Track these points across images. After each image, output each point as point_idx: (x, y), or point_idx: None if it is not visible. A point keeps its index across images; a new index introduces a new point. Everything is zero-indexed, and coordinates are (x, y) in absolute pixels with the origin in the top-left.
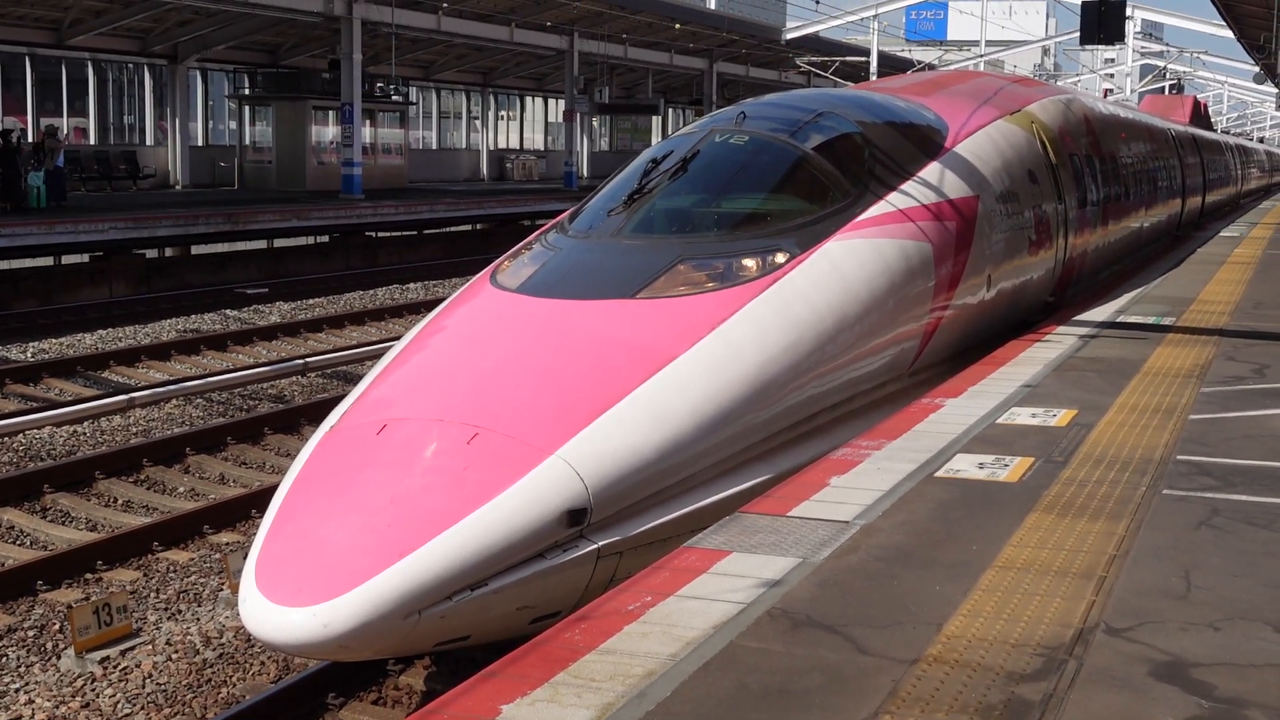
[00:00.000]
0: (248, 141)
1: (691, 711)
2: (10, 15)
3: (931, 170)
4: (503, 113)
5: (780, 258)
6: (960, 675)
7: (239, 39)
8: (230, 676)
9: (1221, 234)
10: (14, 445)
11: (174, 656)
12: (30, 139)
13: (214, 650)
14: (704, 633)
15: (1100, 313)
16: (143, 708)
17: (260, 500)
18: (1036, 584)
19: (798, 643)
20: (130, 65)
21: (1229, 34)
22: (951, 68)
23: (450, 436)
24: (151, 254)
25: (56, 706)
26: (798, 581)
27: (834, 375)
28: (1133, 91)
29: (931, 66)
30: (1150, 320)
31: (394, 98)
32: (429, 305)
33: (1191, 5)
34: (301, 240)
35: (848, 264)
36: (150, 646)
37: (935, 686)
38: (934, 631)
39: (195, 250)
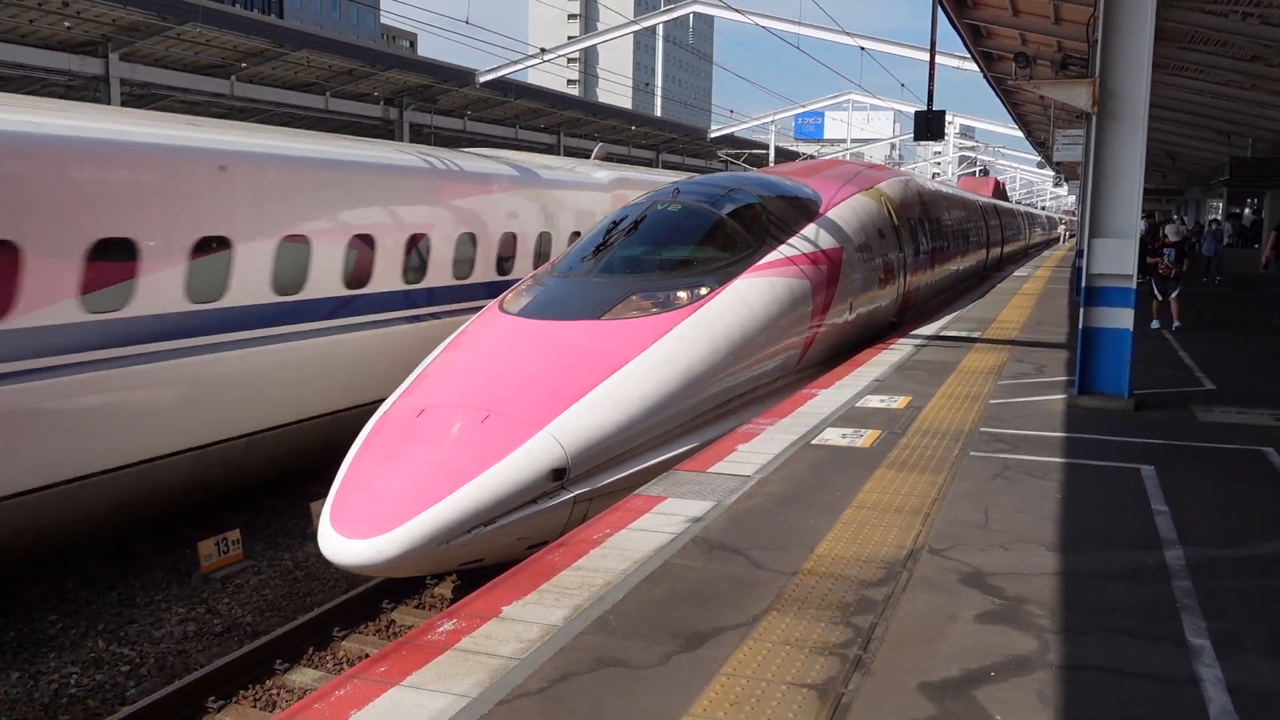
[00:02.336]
0: None
1: (637, 610)
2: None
3: (810, 229)
4: None
5: (703, 291)
6: (826, 582)
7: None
8: (313, 589)
9: (1015, 274)
10: None
11: (273, 575)
12: None
13: (302, 571)
14: (647, 554)
15: (929, 329)
16: (250, 612)
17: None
18: (881, 519)
19: (713, 560)
20: None
21: (1020, 134)
22: (825, 157)
23: (469, 417)
24: None
25: (189, 610)
26: (714, 518)
27: (741, 373)
28: (953, 174)
29: (811, 157)
30: (964, 334)
31: None
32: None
33: (994, 113)
34: None
35: (751, 295)
36: (256, 568)
37: (809, 590)
38: (808, 552)
39: None
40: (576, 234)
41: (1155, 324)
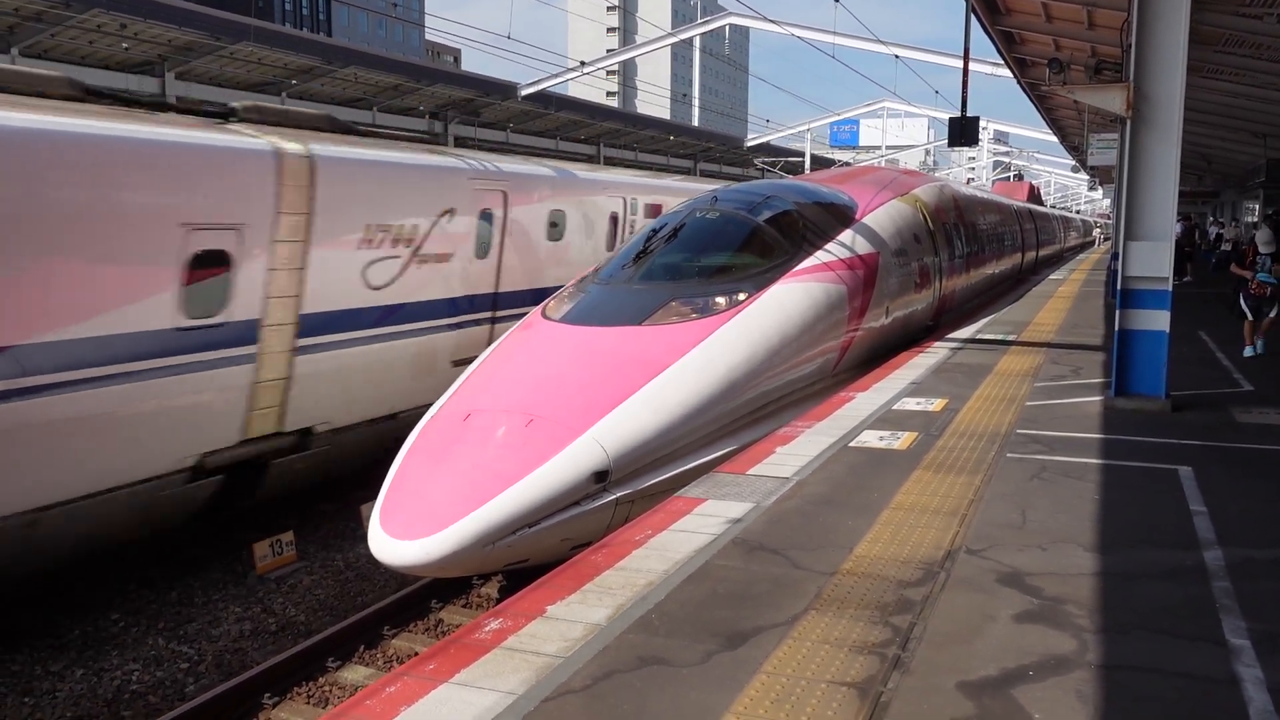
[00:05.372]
0: None
1: (679, 609)
2: None
3: (846, 235)
4: None
5: (741, 296)
6: (865, 583)
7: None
8: (363, 589)
9: (1050, 277)
10: None
11: (325, 576)
12: None
13: (353, 571)
14: (688, 555)
15: (965, 332)
16: (303, 611)
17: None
18: (918, 519)
19: (753, 561)
20: None
21: (1054, 138)
22: (860, 164)
23: (514, 421)
24: None
25: (245, 609)
26: (753, 519)
27: (779, 377)
28: (987, 179)
29: (847, 164)
30: (1000, 337)
31: None
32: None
33: (1028, 118)
34: None
35: (789, 301)
36: (309, 569)
37: (847, 590)
38: (847, 552)
39: None
40: None
41: (1249, 350)
